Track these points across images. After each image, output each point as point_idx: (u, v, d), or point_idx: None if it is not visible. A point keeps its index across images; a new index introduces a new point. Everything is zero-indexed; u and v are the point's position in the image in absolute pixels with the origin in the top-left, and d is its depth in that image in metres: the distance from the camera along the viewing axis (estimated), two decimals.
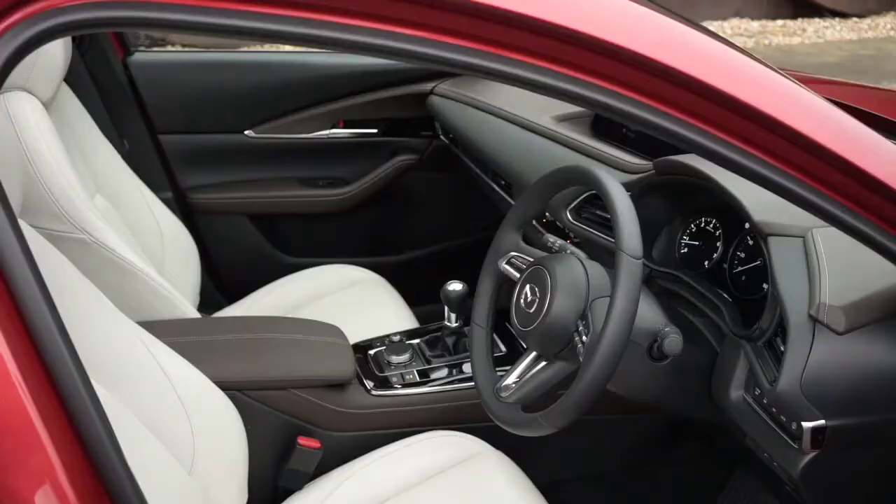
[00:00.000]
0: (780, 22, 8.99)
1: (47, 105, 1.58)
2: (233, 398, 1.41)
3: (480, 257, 1.44)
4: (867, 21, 9.22)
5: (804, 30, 8.81)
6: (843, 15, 9.23)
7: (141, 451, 1.04)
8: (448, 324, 1.71)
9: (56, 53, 1.58)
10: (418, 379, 1.63)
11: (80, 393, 0.74)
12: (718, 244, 1.43)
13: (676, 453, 1.83)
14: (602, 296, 1.21)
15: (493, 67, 0.77)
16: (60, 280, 1.09)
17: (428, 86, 2.34)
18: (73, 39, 1.89)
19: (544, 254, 1.35)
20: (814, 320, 1.08)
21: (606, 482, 1.82)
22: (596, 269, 1.26)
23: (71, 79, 1.83)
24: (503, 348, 1.69)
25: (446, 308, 1.70)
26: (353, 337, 1.68)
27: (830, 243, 1.15)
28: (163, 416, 1.20)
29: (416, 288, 2.15)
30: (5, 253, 0.72)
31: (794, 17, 9.08)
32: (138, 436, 1.09)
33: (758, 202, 1.23)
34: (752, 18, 8.93)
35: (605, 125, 1.86)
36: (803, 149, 0.81)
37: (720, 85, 0.78)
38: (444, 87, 2.30)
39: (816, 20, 9.14)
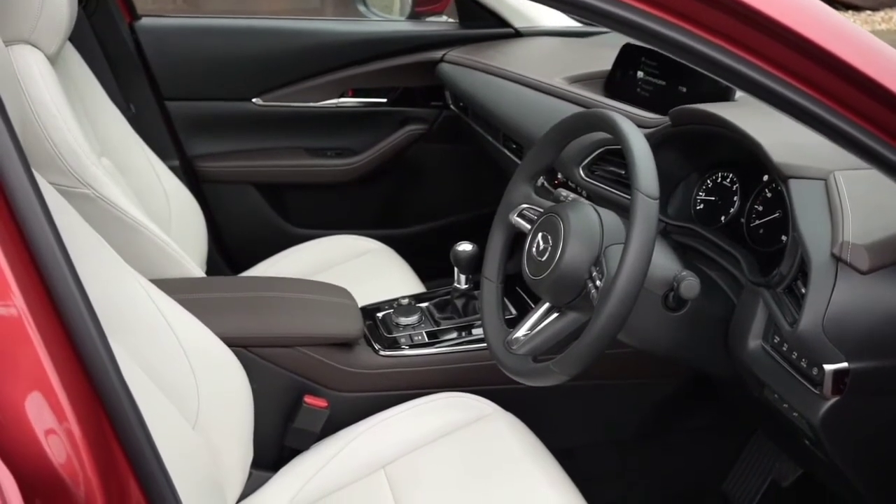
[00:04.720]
0: None
1: (52, 61, 1.55)
2: (239, 355, 1.37)
3: (489, 230, 1.40)
4: (880, 14, 9.16)
5: None
6: (857, 8, 9.18)
7: (142, 402, 1.02)
8: (458, 285, 1.68)
9: (61, 8, 1.55)
10: (427, 340, 1.60)
11: (77, 305, 0.72)
12: (735, 199, 1.39)
13: (691, 422, 1.80)
14: (616, 242, 1.18)
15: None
16: (62, 223, 1.06)
17: (438, 53, 2.31)
18: (80, 0, 1.87)
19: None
20: (836, 259, 1.05)
21: (619, 449, 1.79)
22: (610, 216, 1.23)
23: (77, 42, 1.80)
24: (513, 311, 1.66)
25: (456, 269, 1.67)
26: (362, 302, 1.65)
27: (853, 185, 1.11)
28: (166, 368, 1.17)
29: (425, 261, 2.11)
30: (8, 171, 0.70)
31: None
32: (140, 386, 1.06)
33: (777, 145, 1.20)
34: None
35: (618, 86, 1.82)
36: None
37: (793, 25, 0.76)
38: (454, 54, 2.27)
39: None
